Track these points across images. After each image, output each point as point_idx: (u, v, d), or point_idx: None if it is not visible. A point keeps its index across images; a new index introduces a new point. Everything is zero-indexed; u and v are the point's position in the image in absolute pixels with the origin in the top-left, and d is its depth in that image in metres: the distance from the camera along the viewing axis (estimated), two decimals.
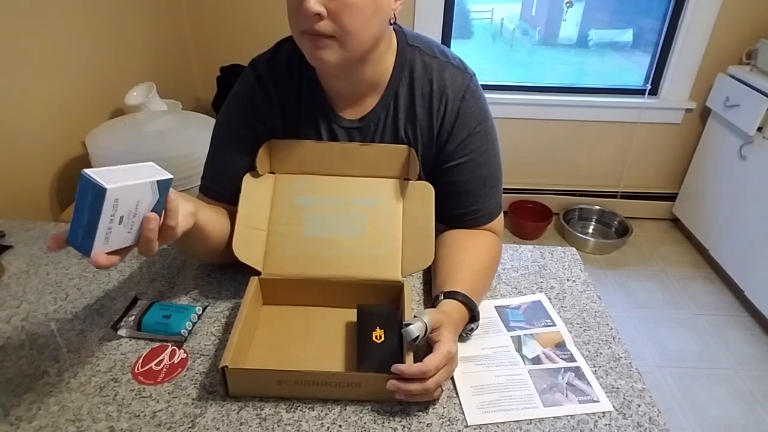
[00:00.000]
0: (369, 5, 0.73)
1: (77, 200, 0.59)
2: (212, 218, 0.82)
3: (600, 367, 0.78)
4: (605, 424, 0.69)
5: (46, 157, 1.51)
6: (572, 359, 0.78)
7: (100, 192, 0.57)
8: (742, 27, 2.21)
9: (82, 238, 0.59)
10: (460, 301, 0.77)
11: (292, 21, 0.76)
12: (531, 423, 0.69)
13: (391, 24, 0.81)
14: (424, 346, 0.71)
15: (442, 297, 0.78)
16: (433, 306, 0.78)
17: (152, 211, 0.63)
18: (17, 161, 1.39)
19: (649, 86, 2.42)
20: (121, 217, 0.60)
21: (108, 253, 0.61)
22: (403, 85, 0.86)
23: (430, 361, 0.66)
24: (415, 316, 0.70)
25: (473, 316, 0.79)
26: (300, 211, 0.86)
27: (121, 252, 0.63)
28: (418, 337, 0.68)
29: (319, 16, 0.71)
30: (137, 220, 0.63)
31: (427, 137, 0.87)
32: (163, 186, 0.63)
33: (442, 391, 0.72)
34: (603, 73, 2.74)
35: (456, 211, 0.90)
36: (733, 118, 2.15)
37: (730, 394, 1.77)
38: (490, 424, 0.69)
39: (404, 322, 0.69)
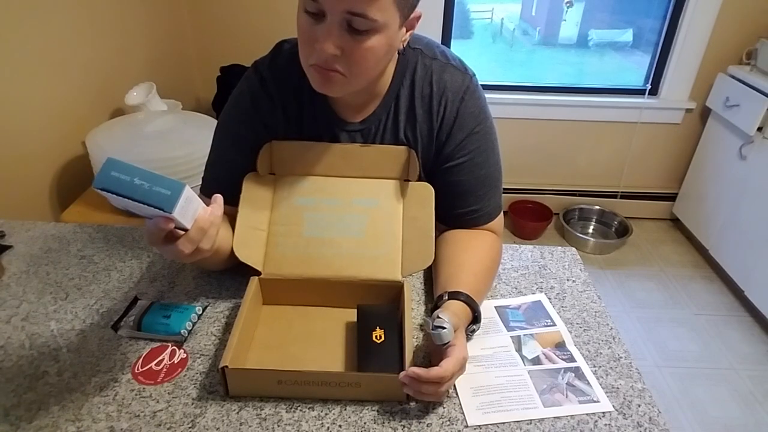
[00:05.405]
0: (383, 47, 0.73)
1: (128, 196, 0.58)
2: (224, 234, 0.81)
3: (600, 367, 0.78)
4: (605, 424, 0.69)
5: (46, 157, 1.51)
6: (572, 359, 0.78)
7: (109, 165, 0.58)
8: (742, 27, 2.21)
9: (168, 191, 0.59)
10: (463, 301, 0.77)
11: (302, 50, 0.75)
12: (531, 423, 0.69)
13: (398, 53, 0.82)
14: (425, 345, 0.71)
15: (447, 297, 0.77)
16: (437, 306, 0.77)
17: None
18: (17, 161, 1.39)
19: (649, 86, 2.42)
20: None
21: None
22: (404, 87, 0.86)
23: (448, 366, 0.65)
24: (439, 316, 0.69)
25: (475, 317, 0.79)
26: (300, 212, 0.86)
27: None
28: (447, 342, 0.68)
29: (333, 56, 0.71)
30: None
31: (426, 138, 0.87)
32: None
33: (448, 392, 0.72)
34: (603, 73, 2.74)
35: (455, 211, 0.90)
36: (733, 118, 2.15)
37: (730, 394, 1.77)
38: (491, 424, 0.69)
39: (435, 324, 0.68)
